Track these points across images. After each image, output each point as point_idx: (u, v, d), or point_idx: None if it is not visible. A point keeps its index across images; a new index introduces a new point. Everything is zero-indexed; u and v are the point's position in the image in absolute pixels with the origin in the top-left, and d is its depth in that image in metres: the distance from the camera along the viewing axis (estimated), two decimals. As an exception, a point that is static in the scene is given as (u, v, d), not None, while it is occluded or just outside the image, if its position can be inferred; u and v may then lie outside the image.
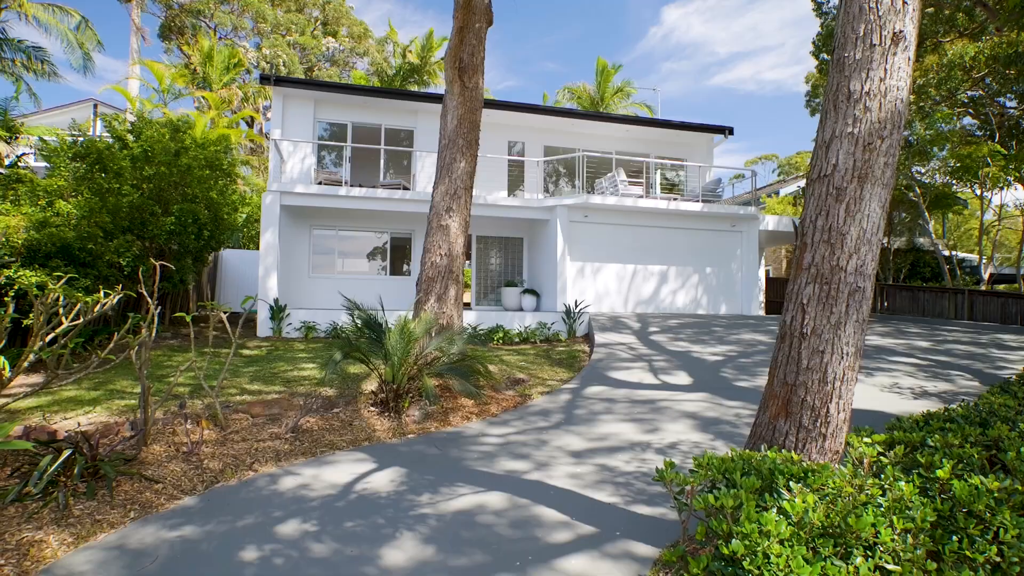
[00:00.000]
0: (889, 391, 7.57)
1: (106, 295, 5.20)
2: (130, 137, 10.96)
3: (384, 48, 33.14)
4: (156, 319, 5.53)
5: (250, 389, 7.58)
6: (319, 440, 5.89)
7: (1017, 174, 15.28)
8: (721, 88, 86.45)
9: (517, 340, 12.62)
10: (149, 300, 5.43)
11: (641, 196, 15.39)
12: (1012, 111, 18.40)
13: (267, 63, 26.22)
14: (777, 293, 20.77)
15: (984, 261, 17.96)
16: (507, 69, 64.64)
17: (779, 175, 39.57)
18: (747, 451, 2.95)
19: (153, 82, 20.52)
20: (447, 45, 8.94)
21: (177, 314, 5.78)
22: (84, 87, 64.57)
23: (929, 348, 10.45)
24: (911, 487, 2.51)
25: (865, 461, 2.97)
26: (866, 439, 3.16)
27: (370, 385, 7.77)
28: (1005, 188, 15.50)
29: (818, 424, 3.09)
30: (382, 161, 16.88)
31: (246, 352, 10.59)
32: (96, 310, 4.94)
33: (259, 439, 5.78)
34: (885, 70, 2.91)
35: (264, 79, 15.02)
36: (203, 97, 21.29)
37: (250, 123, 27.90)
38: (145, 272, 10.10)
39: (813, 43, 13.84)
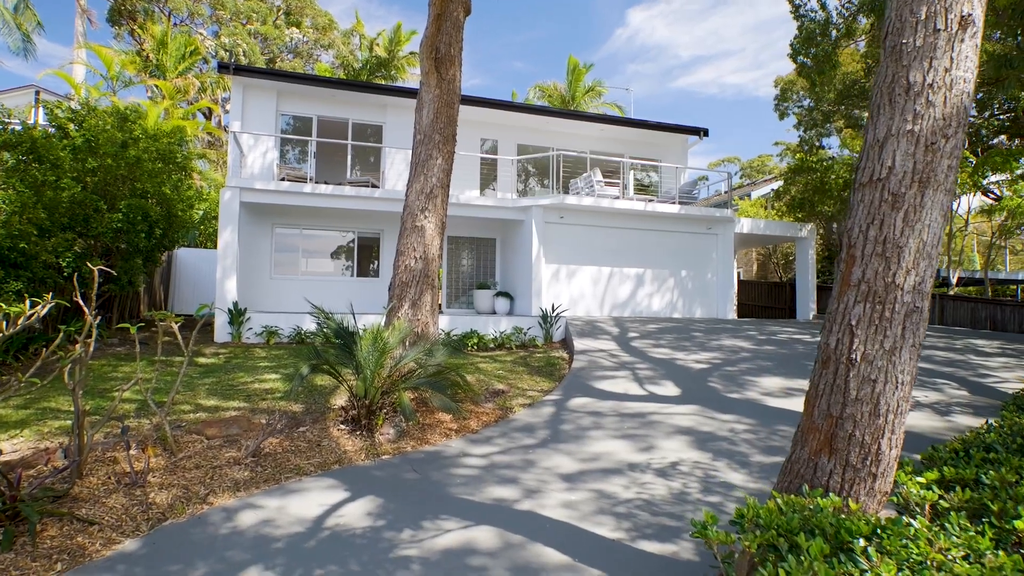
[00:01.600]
0: (881, 402, 7.39)
1: (33, 304, 4.50)
2: (71, 126, 10.02)
3: (350, 41, 32.14)
4: (96, 329, 4.86)
5: (206, 405, 6.90)
6: (283, 464, 5.30)
7: (982, 179, 15.58)
8: (684, 91, 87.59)
9: (492, 346, 12.14)
10: (86, 309, 4.74)
11: (617, 197, 15.10)
12: (971, 119, 18.85)
13: (226, 52, 24.98)
14: (748, 296, 20.84)
15: (948, 266, 18.29)
16: (474, 66, 63.87)
17: (741, 177, 40.16)
18: (794, 498, 2.54)
19: (101, 68, 19.21)
20: (422, 34, 8.40)
21: (120, 324, 5.10)
22: (26, 72, 60.85)
23: (908, 354, 10.41)
24: (986, 542, 2.14)
25: (927, 507, 2.60)
26: (919, 479, 2.80)
27: (339, 399, 7.18)
28: (972, 194, 15.83)
29: (868, 463, 2.71)
30: (349, 157, 16.16)
31: (202, 360, 9.82)
32: (20, 322, 4.25)
33: (215, 465, 5.16)
34: (951, 59, 2.55)
35: (223, 68, 14.12)
36: (156, 86, 20.05)
37: (208, 115, 26.60)
38: (87, 274, 9.25)
39: (791, 45, 13.77)
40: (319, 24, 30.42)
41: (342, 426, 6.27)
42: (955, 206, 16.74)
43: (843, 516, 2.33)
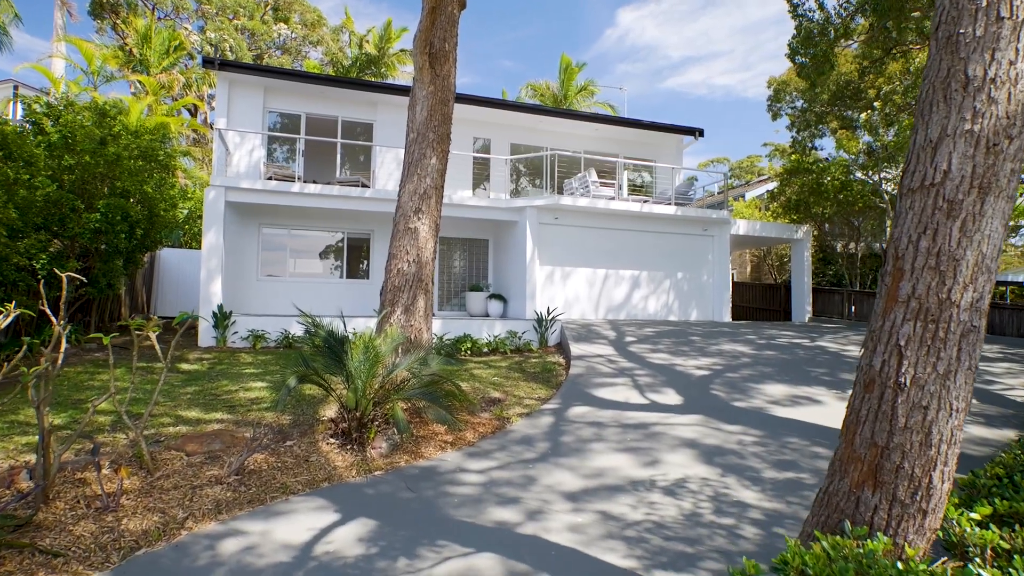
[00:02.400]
0: (889, 411, 7.18)
1: (-4, 314, 4.15)
2: (47, 121, 9.58)
3: (339, 37, 31.66)
4: (72, 334, 4.50)
5: (186, 417, 6.54)
6: (269, 483, 4.98)
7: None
8: (673, 91, 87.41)
9: (486, 350, 11.84)
10: (53, 319, 4.39)
11: (612, 198, 14.85)
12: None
13: (211, 47, 24.43)
14: (742, 298, 20.68)
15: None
16: (463, 64, 63.38)
17: (730, 178, 40.14)
18: (840, 539, 2.27)
19: (82, 63, 18.64)
20: (415, 28, 8.07)
21: (92, 335, 4.75)
22: (2, 66, 59.46)
23: (910, 359, 10.24)
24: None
25: (988, 551, 2.33)
26: (972, 515, 2.54)
27: (329, 410, 6.85)
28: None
29: (918, 498, 2.45)
30: (338, 156, 15.77)
31: (185, 367, 9.44)
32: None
33: (195, 484, 4.82)
34: (1016, 50, 2.30)
35: (207, 62, 13.69)
36: (139, 81, 19.52)
37: (193, 112, 26.05)
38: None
39: (789, 45, 13.62)
40: (308, 20, 29.93)
41: (332, 440, 5.95)
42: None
43: (903, 566, 2.06)
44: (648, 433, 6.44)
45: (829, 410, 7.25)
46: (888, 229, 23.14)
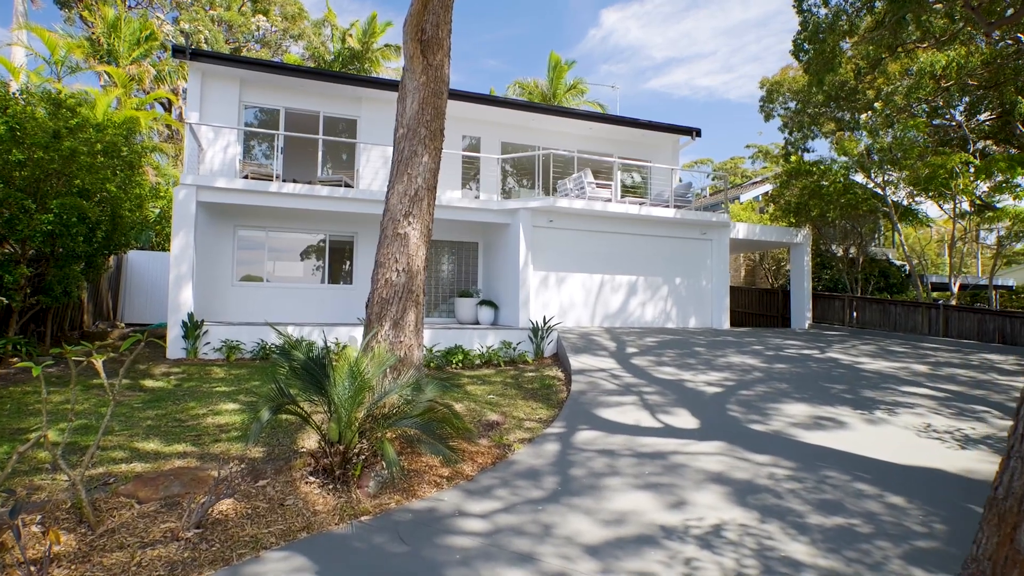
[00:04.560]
0: (926, 436, 6.59)
1: None
2: (-5, 112, 8.65)
3: (321, 31, 30.66)
4: (23, 347, 3.69)
5: (144, 450, 5.73)
6: (236, 537, 4.20)
7: (974, 186, 15.15)
8: (656, 92, 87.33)
9: (478, 362, 11.10)
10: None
11: (609, 200, 14.21)
12: (959, 123, 18.55)
13: (185, 37, 23.28)
14: (738, 303, 20.17)
15: (928, 272, 17.86)
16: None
17: (713, 179, 40.07)
18: None
19: (45, 52, 17.52)
20: (406, 13, 7.32)
21: (21, 364, 3.94)
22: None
23: (928, 373, 9.72)
24: None
25: None
26: None
27: (308, 440, 6.08)
28: (972, 200, 15.42)
29: (1118, 623, 1.78)
30: (320, 153, 14.92)
31: (149, 383, 8.57)
32: None
33: (146, 541, 4.04)
34: None
35: (177, 51, 12.76)
36: (107, 73, 18.41)
37: (167, 106, 24.90)
38: (10, 284, 7.95)
39: (794, 42, 13.13)
40: (288, 13, 28.88)
41: (311, 478, 5.18)
42: (958, 209, 16.21)
43: None
44: (668, 465, 5.77)
45: (859, 435, 6.65)
46: (884, 232, 22.81)
